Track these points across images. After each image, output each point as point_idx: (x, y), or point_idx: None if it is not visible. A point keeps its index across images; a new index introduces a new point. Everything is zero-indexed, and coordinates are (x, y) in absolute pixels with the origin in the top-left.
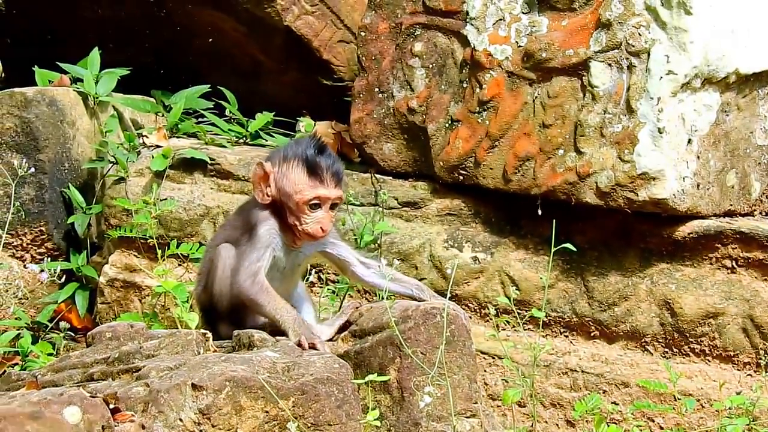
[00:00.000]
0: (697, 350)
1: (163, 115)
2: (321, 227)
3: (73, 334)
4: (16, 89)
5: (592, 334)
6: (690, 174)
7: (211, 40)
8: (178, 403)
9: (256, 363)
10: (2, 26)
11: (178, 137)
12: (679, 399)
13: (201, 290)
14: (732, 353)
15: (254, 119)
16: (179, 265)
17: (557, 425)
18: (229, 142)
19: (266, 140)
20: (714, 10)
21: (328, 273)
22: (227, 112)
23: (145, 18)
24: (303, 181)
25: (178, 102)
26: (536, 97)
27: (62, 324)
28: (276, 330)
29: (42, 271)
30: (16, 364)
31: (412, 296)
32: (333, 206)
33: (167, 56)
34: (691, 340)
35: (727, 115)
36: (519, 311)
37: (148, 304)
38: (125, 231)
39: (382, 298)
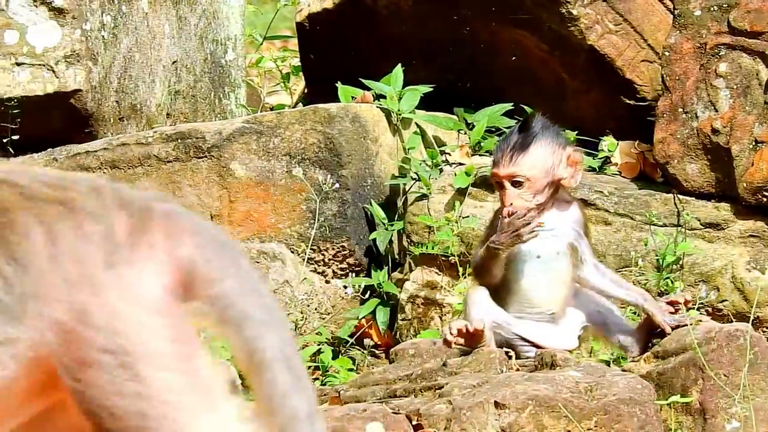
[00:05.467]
0: None
1: (465, 133)
2: None
3: (373, 350)
4: (320, 105)
5: None
6: None
7: (513, 58)
8: (481, 421)
9: (558, 382)
10: (306, 43)
11: (480, 155)
12: None
13: None
14: None
15: None
16: None
17: None
18: None
19: None
20: None
21: None
22: None
23: (448, 36)
24: None
25: (481, 120)
26: None
27: (366, 341)
28: None
29: (345, 287)
30: (316, 378)
31: (636, 304)
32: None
33: (469, 74)
34: None
35: None
36: None
37: (447, 322)
38: (427, 248)
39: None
